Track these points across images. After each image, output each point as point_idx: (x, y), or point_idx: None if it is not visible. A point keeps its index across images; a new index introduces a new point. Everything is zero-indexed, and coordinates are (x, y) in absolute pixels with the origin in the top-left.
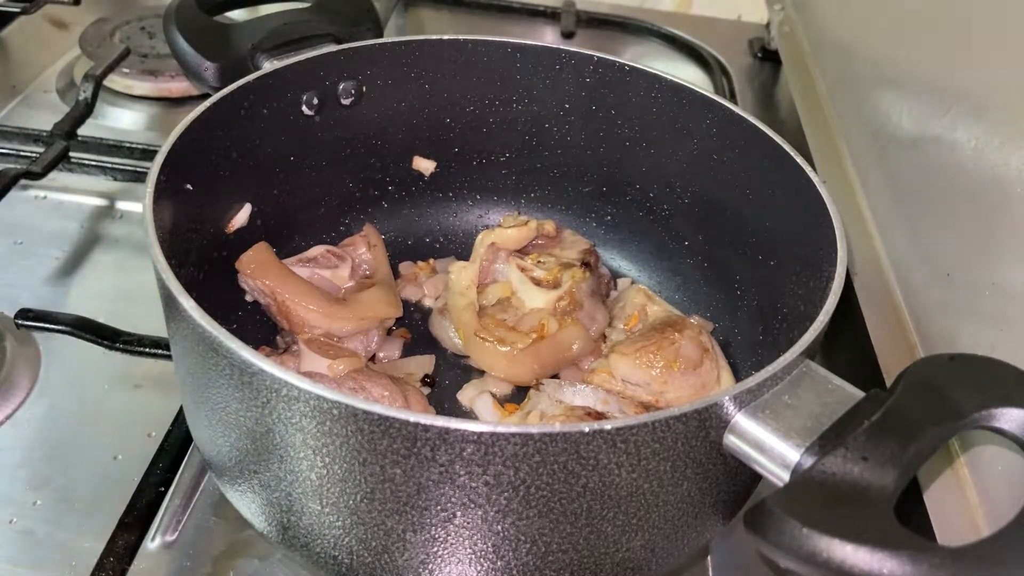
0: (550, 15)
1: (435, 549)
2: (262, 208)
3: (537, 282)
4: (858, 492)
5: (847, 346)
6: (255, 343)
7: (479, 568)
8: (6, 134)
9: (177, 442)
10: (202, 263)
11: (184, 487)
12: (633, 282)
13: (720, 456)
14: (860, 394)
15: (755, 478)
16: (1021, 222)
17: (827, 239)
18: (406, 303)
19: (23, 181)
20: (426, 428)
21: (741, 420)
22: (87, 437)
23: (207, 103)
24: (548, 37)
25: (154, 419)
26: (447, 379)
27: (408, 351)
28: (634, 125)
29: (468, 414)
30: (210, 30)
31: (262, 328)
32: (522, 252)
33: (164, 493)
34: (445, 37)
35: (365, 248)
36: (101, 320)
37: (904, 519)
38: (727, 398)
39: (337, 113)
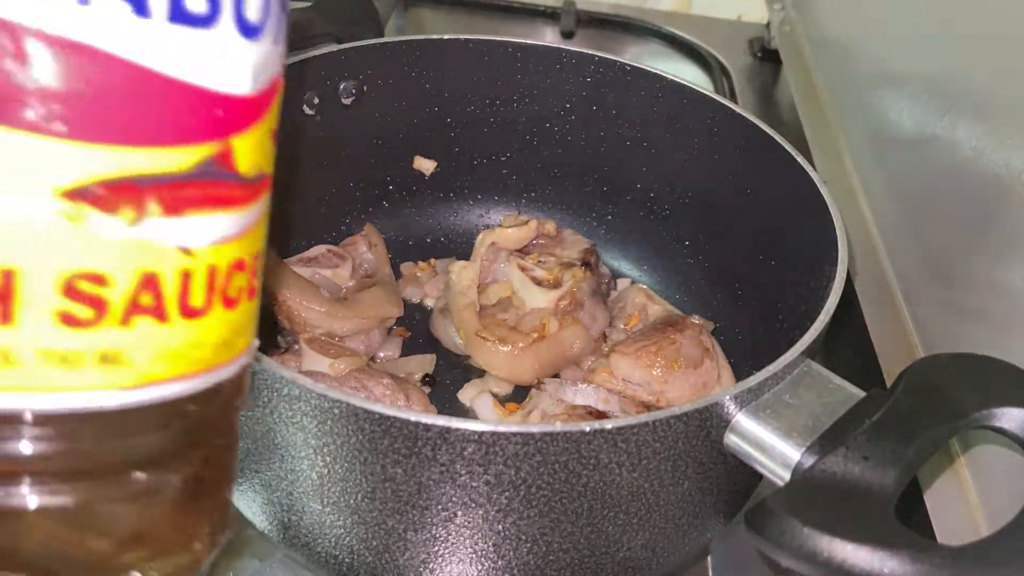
0: (550, 15)
1: (436, 548)
2: None
3: (538, 282)
4: (859, 492)
5: (847, 346)
6: None
7: (480, 567)
8: None
9: None
10: None
11: None
12: (633, 282)
13: (721, 455)
14: (861, 394)
15: (756, 477)
16: (1021, 222)
17: (827, 239)
18: (407, 303)
19: None
20: (427, 427)
21: (742, 419)
22: None
23: None
24: (548, 37)
25: None
26: (448, 379)
27: (408, 351)
28: (635, 125)
29: (469, 413)
30: None
31: (263, 328)
32: (523, 252)
33: None
34: (445, 37)
35: (366, 247)
36: None
37: (904, 519)
38: (728, 397)
39: (338, 113)
